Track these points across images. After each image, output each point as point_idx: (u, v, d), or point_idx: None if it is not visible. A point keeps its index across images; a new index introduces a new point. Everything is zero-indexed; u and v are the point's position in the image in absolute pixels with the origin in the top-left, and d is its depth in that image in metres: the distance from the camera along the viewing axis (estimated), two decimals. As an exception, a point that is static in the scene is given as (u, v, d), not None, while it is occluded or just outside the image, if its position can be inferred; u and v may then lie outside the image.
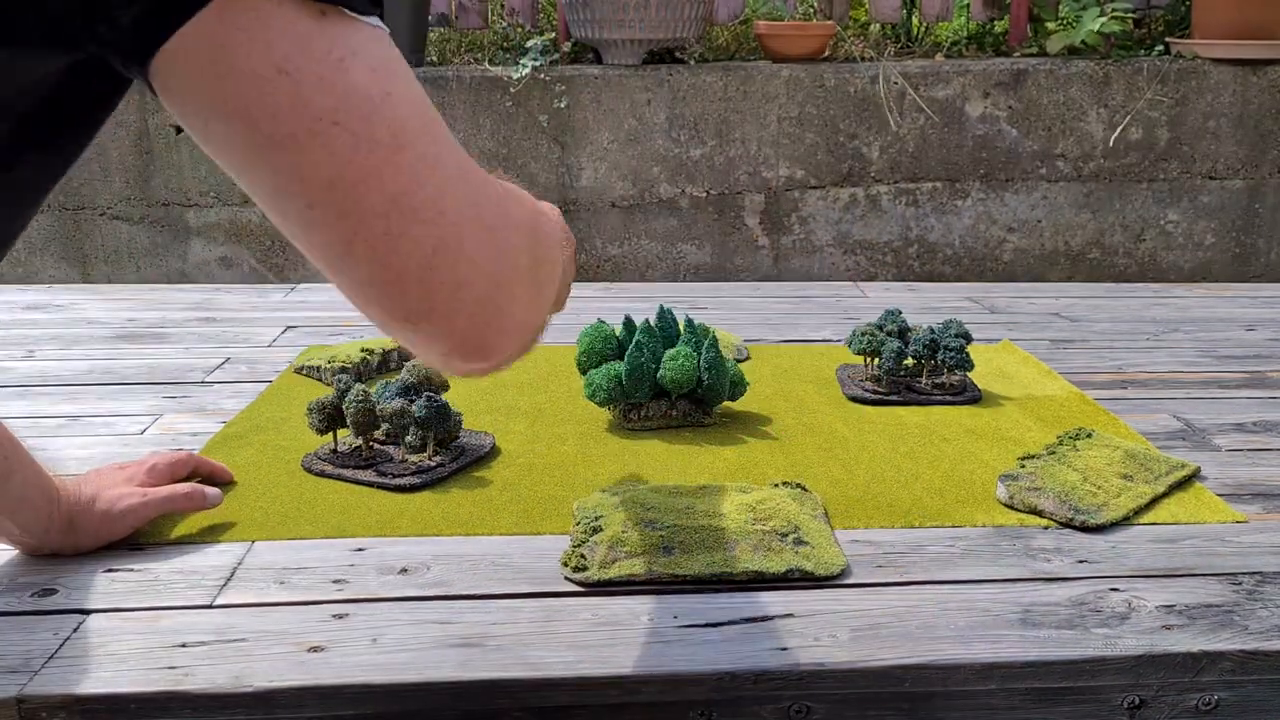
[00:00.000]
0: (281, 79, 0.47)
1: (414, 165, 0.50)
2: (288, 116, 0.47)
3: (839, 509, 0.95)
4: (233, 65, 0.46)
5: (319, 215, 0.49)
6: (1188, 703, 0.74)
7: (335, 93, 0.47)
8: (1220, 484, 1.02)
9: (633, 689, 0.70)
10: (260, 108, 0.47)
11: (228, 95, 0.47)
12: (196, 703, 0.67)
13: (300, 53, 0.47)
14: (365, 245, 0.50)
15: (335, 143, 0.48)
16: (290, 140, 0.47)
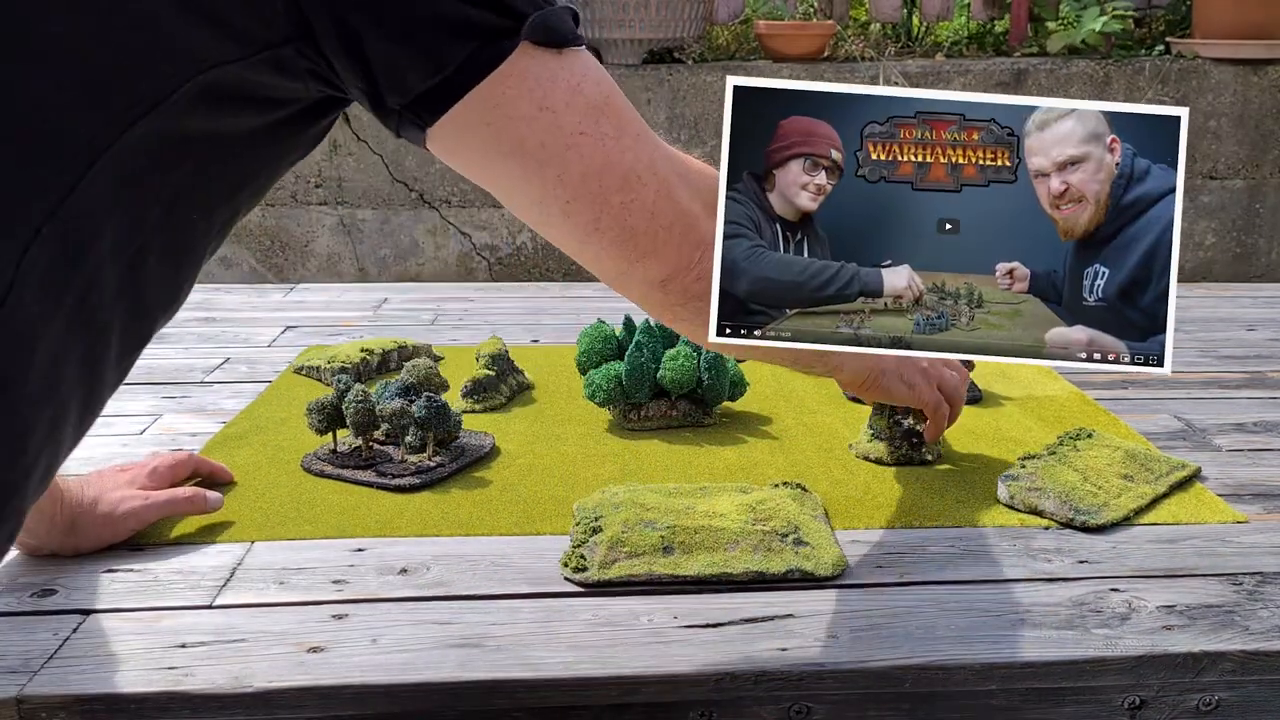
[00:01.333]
0: (544, 114, 0.61)
1: (632, 144, 0.65)
2: (552, 140, 0.62)
3: (839, 509, 0.95)
4: (508, 114, 0.61)
5: (575, 207, 0.65)
6: (1188, 703, 0.74)
7: (578, 110, 0.62)
8: (1221, 484, 1.02)
9: (633, 689, 0.70)
10: (532, 140, 0.62)
11: (504, 138, 0.61)
12: (196, 703, 0.67)
13: (552, 89, 0.61)
14: (610, 218, 0.66)
15: (584, 147, 0.63)
16: (555, 157, 0.63)
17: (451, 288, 1.98)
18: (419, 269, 2.22)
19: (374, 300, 1.78)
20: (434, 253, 2.21)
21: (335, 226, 2.18)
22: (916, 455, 1.05)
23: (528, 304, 1.78)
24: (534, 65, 0.60)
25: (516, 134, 0.61)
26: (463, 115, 0.60)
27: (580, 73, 0.63)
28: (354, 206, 2.15)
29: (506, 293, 1.88)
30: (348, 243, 2.19)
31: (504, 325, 1.61)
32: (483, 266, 2.23)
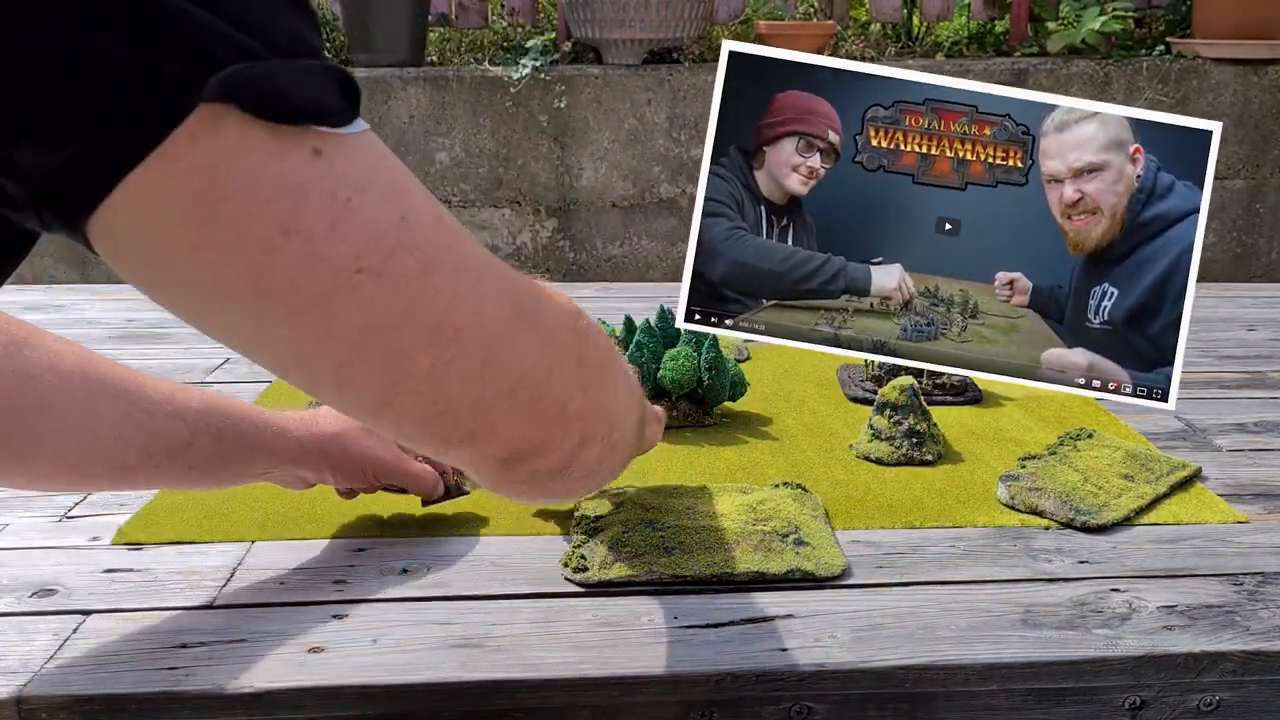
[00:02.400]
0: (291, 240, 0.40)
1: (447, 284, 0.45)
2: (307, 279, 0.41)
3: (839, 509, 0.95)
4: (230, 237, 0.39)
5: (354, 372, 0.44)
6: (1189, 703, 0.74)
7: (351, 238, 0.41)
8: (1221, 484, 1.02)
9: (633, 689, 0.70)
10: (273, 278, 0.40)
11: (228, 271, 0.40)
12: (196, 703, 0.67)
13: (304, 206, 0.40)
14: (411, 388, 0.45)
15: (363, 292, 0.42)
16: (313, 303, 0.41)
17: (452, 288, 1.98)
18: (419, 269, 2.22)
19: (374, 300, 1.78)
20: (434, 253, 2.22)
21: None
22: (916, 455, 1.05)
23: (528, 304, 1.77)
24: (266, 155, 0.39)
25: (246, 266, 0.40)
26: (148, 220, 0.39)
27: (354, 179, 0.41)
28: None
29: (507, 293, 1.87)
30: (348, 243, 2.19)
31: (504, 325, 1.61)
32: (483, 266, 2.23)
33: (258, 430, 0.80)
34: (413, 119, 2.15)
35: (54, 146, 0.37)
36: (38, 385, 0.70)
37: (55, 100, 0.37)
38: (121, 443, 0.73)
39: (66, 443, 0.71)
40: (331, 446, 0.83)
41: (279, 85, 0.39)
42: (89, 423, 0.72)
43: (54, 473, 0.74)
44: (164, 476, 0.78)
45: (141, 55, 0.37)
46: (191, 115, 0.37)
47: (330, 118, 0.41)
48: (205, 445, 0.77)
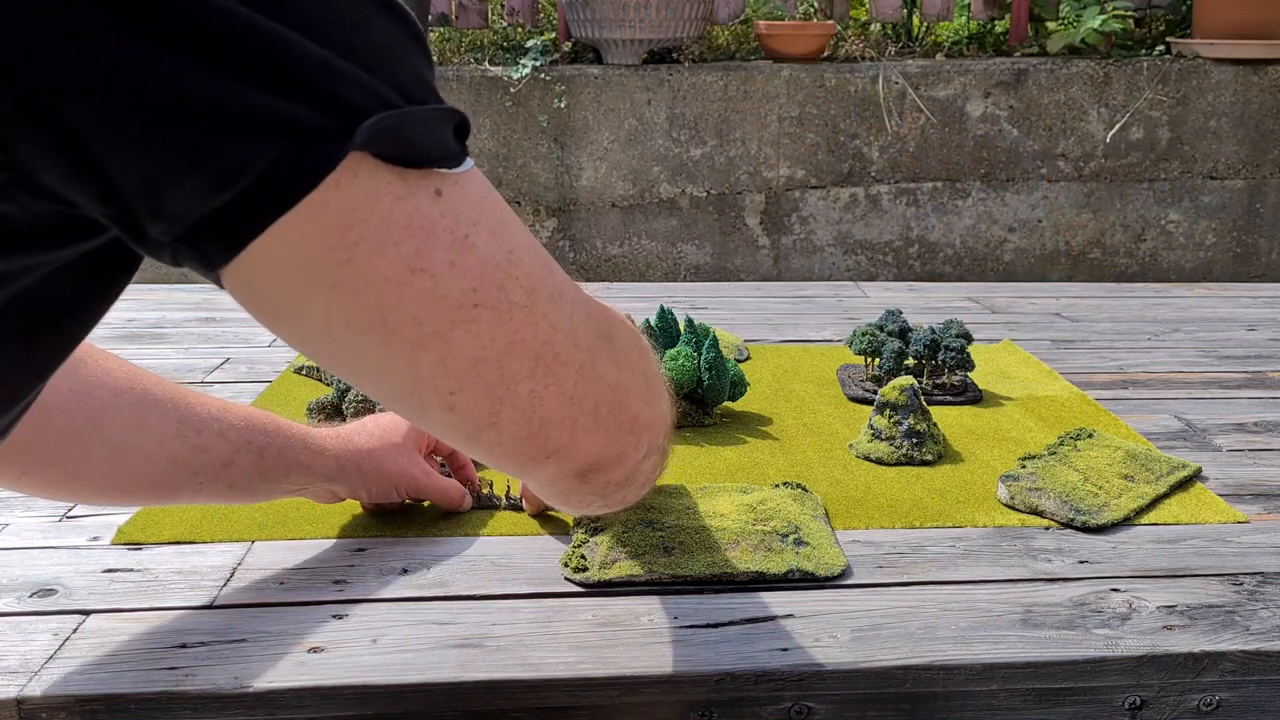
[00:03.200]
0: (417, 278, 0.42)
1: (547, 312, 0.48)
2: (429, 315, 0.43)
3: (839, 509, 0.95)
4: (361, 276, 0.42)
5: (462, 399, 0.46)
6: (1189, 703, 0.74)
7: (470, 274, 0.44)
8: (1221, 484, 1.02)
9: (633, 689, 0.70)
10: (399, 314, 0.43)
11: (359, 308, 0.43)
12: (196, 703, 0.67)
13: (430, 246, 0.42)
14: (512, 410, 0.48)
15: (478, 324, 0.45)
16: (435, 338, 0.44)
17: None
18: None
19: (374, 300, 1.78)
20: (434, 253, 2.22)
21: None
22: (917, 455, 1.05)
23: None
24: (395, 198, 0.41)
25: (375, 304, 0.42)
26: (292, 263, 0.41)
27: (469, 216, 0.44)
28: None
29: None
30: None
31: (504, 325, 1.61)
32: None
33: (296, 448, 0.81)
34: (413, 119, 2.16)
35: (210, 192, 0.38)
36: (92, 404, 0.70)
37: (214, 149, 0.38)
38: (171, 461, 0.74)
39: (118, 460, 0.72)
40: (367, 464, 0.85)
41: (412, 132, 0.41)
42: (141, 441, 0.72)
43: (103, 490, 0.74)
44: (206, 493, 0.77)
45: (293, 106, 0.38)
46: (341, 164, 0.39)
47: (451, 160, 0.43)
48: (246, 463, 0.77)
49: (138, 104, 0.37)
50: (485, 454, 0.51)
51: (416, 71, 0.42)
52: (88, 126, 0.37)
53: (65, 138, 0.38)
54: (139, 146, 0.38)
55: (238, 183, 0.38)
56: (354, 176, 0.40)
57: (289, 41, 0.38)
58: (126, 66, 0.37)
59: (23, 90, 0.37)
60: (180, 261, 0.42)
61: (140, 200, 0.39)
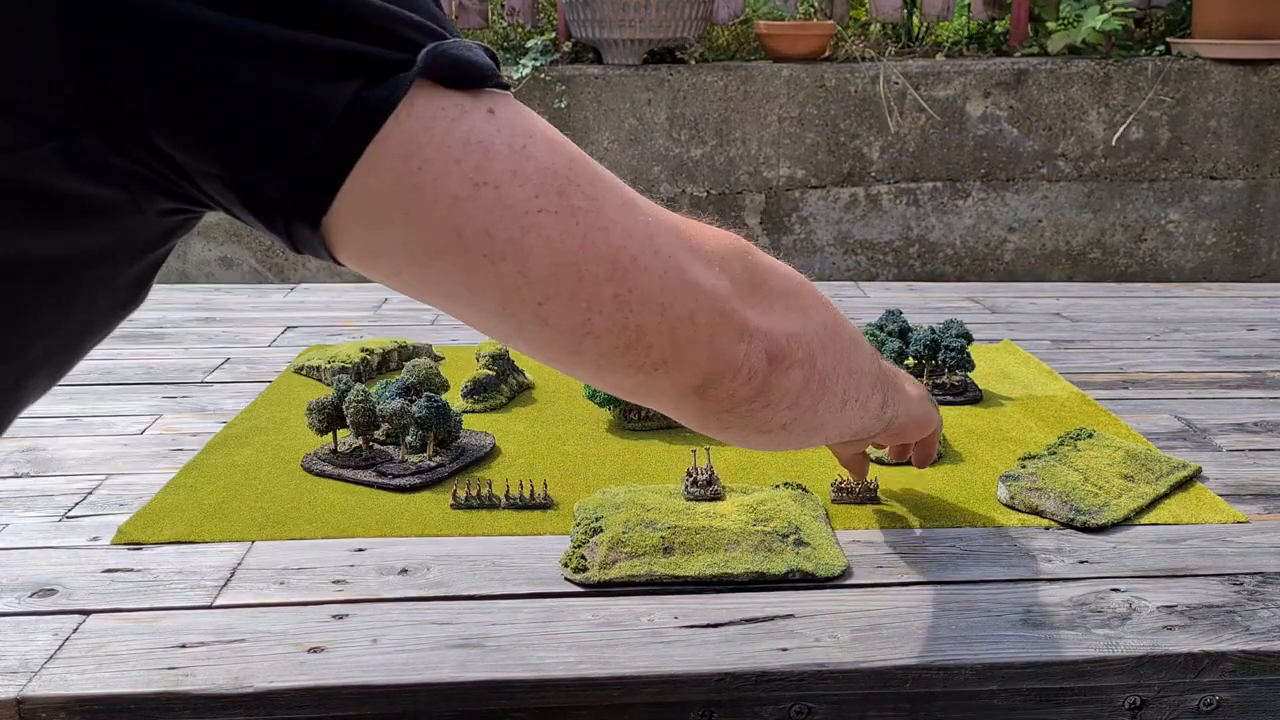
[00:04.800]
0: (483, 191, 0.45)
1: (616, 218, 0.49)
2: (500, 226, 0.45)
3: (839, 509, 0.95)
4: (430, 195, 0.44)
5: (552, 308, 0.48)
6: (1189, 703, 0.74)
7: (531, 180, 0.46)
8: (1221, 484, 1.02)
9: (633, 689, 0.70)
10: (472, 229, 0.45)
11: (433, 229, 0.45)
12: (196, 703, 0.67)
13: (489, 159, 0.45)
14: (602, 317, 0.49)
15: (546, 229, 0.46)
16: (509, 247, 0.46)
17: (452, 288, 1.98)
18: (419, 269, 2.23)
19: (374, 300, 1.78)
20: (434, 253, 2.22)
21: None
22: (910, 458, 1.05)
23: (528, 304, 1.77)
24: (450, 120, 0.44)
25: (448, 221, 0.45)
26: (366, 197, 0.43)
27: (524, 129, 0.46)
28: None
29: (507, 293, 1.88)
30: (348, 243, 2.19)
31: (504, 325, 1.61)
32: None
33: None
34: (413, 119, 2.16)
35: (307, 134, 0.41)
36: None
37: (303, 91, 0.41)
38: None
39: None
40: None
41: (461, 57, 0.44)
42: None
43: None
44: None
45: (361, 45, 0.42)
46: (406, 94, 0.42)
47: (498, 79, 0.46)
48: None
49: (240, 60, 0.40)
50: (595, 371, 0.52)
51: (438, 13, 0.46)
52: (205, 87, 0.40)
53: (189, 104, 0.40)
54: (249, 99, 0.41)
55: (328, 119, 0.41)
56: (410, 106, 0.43)
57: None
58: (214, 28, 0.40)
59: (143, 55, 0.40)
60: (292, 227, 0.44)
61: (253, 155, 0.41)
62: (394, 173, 0.43)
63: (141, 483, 1.00)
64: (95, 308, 0.49)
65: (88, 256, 0.46)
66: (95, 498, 0.97)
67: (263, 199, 0.43)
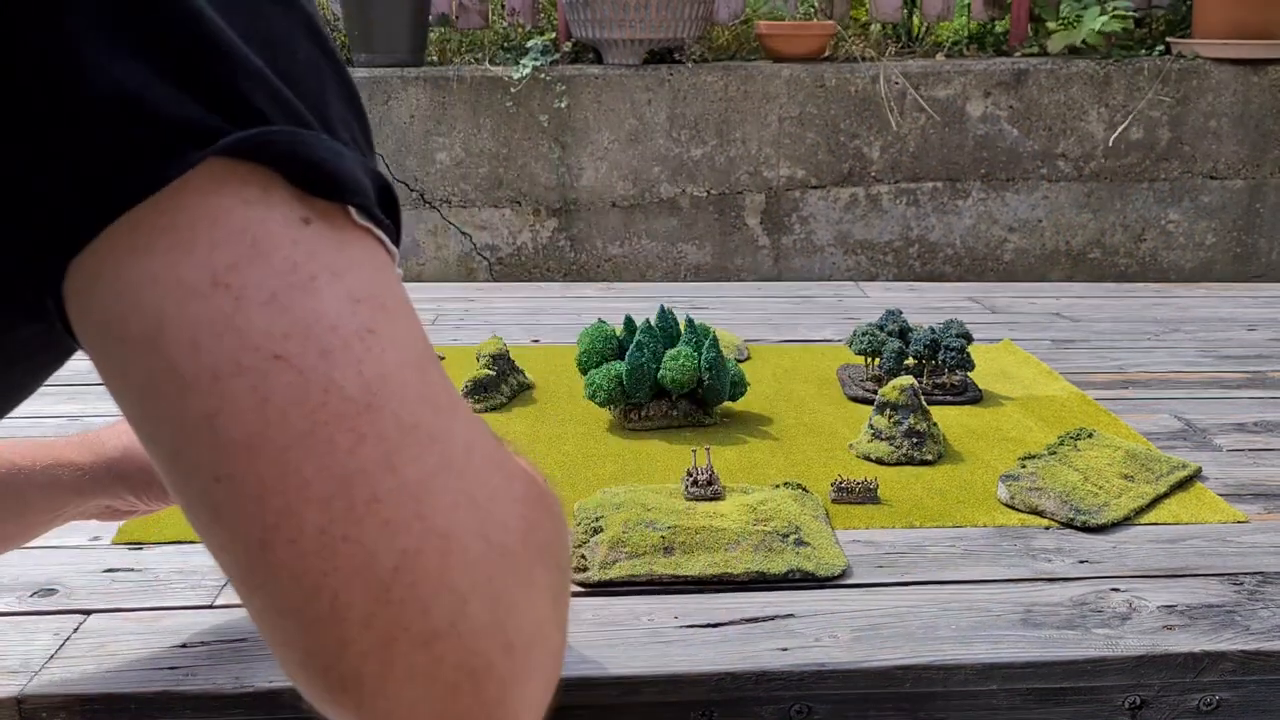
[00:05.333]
0: (217, 294, 0.32)
1: (388, 436, 0.33)
2: (211, 345, 0.32)
3: (839, 509, 0.95)
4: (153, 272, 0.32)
5: (228, 494, 0.33)
6: (1189, 703, 0.74)
7: (288, 316, 0.33)
8: (1221, 484, 1.02)
9: (633, 689, 0.70)
10: (177, 330, 0.32)
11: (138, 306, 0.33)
12: (196, 703, 0.67)
13: (252, 264, 0.33)
14: (287, 546, 0.32)
15: (270, 384, 0.32)
16: (208, 379, 0.32)
17: (452, 288, 1.98)
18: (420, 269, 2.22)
19: (374, 300, 1.78)
20: (434, 253, 2.22)
21: (335, 226, 2.18)
22: (917, 455, 1.05)
23: (528, 304, 1.78)
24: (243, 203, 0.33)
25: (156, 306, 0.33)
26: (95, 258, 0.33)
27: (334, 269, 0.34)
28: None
29: (507, 293, 1.88)
30: (348, 243, 2.19)
31: (504, 325, 1.61)
32: (483, 266, 2.23)
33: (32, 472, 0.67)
34: (413, 119, 2.15)
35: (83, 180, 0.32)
36: None
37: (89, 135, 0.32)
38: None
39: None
40: (125, 465, 0.69)
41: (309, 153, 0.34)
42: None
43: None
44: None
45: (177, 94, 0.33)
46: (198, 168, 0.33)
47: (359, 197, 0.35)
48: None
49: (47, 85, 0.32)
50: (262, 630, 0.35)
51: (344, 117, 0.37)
52: None
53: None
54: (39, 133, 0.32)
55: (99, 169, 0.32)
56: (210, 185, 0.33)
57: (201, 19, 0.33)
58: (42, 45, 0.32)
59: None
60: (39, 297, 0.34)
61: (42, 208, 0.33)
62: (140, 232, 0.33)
63: (142, 483, 1.00)
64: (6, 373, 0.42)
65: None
66: (95, 498, 0.97)
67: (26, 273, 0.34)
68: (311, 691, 0.34)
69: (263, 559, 0.33)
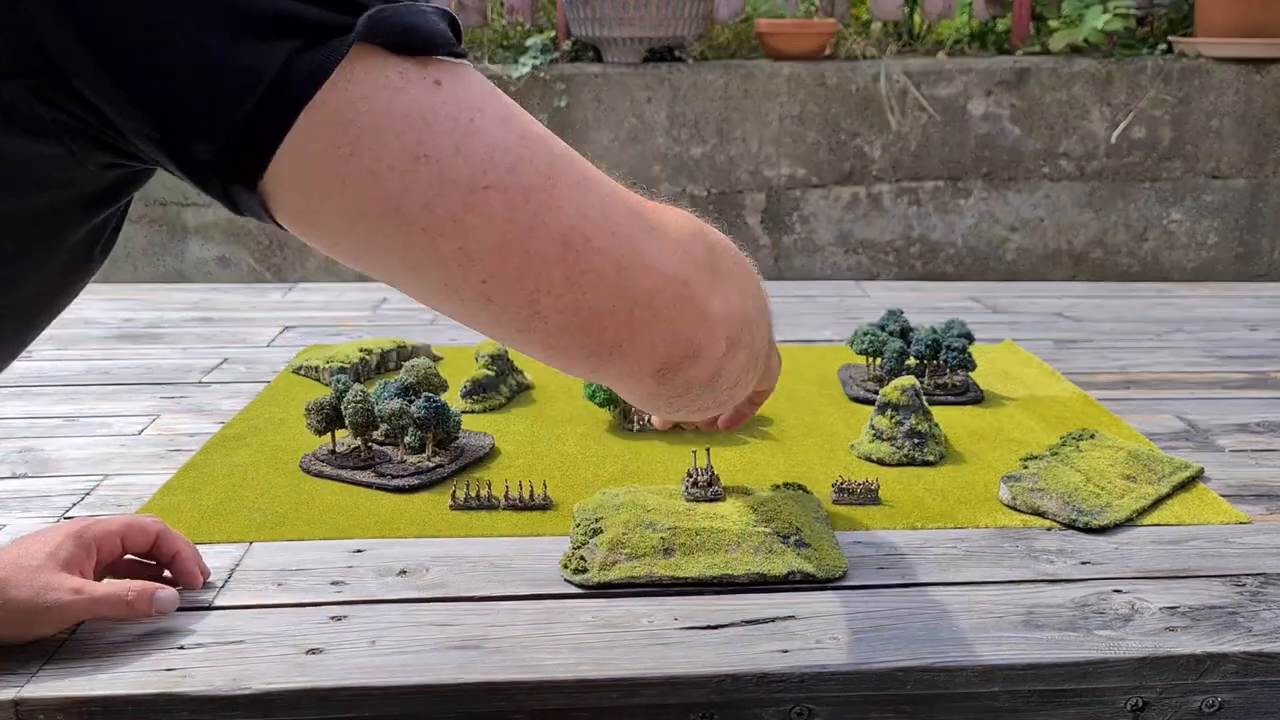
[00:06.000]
0: (422, 165, 0.43)
1: (570, 196, 0.47)
2: (439, 200, 0.44)
3: (840, 510, 0.95)
4: (365, 168, 0.43)
5: (496, 287, 0.46)
6: (1191, 705, 0.73)
7: (477, 156, 0.44)
8: (1224, 485, 1.02)
9: (633, 691, 0.70)
10: (410, 201, 0.43)
11: (369, 200, 0.43)
12: (194, 704, 0.67)
13: (431, 132, 0.43)
14: (550, 298, 0.47)
15: (492, 206, 0.45)
16: (449, 222, 0.44)
17: (452, 287, 1.98)
18: (419, 268, 2.22)
19: (373, 300, 1.78)
20: (434, 252, 2.21)
21: (335, 226, 2.18)
22: (918, 455, 1.05)
23: (528, 303, 1.77)
24: (393, 90, 0.42)
25: (385, 193, 0.43)
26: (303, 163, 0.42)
27: (472, 103, 0.44)
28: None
29: (507, 292, 1.87)
30: (348, 242, 2.19)
31: (504, 325, 1.61)
32: (483, 266, 2.22)
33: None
34: (413, 118, 2.15)
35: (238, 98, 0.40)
36: None
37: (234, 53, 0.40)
38: None
39: None
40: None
41: (410, 20, 0.43)
42: None
43: None
44: None
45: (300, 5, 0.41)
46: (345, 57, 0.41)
47: (451, 47, 0.44)
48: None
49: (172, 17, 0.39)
50: (545, 351, 0.51)
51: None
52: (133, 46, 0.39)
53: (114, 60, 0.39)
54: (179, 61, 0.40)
55: (259, 84, 0.40)
56: (349, 73, 0.41)
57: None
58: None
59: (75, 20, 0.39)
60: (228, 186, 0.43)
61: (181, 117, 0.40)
62: (330, 140, 0.42)
63: (139, 483, 1.00)
64: (48, 270, 0.48)
65: (35, 214, 0.45)
66: (93, 498, 0.97)
67: (194, 161, 0.42)
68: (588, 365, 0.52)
69: (533, 313, 0.48)
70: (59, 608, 0.69)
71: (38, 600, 0.68)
